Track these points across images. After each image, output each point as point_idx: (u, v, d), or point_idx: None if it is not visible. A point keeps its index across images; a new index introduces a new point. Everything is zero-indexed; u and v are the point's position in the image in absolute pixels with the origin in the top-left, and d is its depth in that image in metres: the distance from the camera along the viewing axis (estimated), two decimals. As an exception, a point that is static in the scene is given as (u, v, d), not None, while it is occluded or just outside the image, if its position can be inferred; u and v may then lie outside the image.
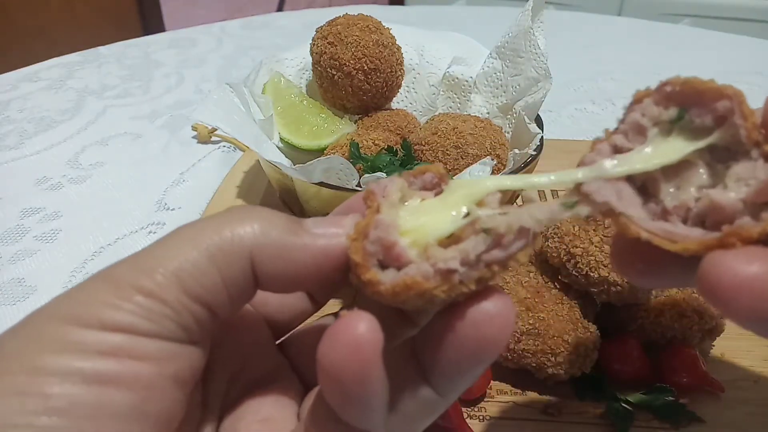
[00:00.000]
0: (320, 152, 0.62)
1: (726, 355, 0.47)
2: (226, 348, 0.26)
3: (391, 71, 0.63)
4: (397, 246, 0.21)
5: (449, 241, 0.21)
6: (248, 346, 0.27)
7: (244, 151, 0.80)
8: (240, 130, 0.54)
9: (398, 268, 0.21)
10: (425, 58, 0.71)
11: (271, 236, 0.22)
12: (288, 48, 0.71)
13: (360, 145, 0.57)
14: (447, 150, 0.55)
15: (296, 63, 0.70)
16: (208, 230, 0.22)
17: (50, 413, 0.19)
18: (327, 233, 0.23)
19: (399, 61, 0.64)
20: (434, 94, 0.70)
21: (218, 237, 0.22)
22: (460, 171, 0.53)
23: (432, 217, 0.22)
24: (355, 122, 0.66)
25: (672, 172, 0.22)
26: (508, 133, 0.63)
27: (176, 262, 0.21)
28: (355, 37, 0.60)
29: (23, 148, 0.82)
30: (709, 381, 0.43)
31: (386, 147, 0.58)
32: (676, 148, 0.22)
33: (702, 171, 0.22)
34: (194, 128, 0.87)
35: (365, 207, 0.23)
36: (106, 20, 2.38)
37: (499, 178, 0.22)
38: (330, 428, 0.21)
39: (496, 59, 0.65)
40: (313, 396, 0.25)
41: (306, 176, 0.50)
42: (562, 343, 0.42)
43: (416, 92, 0.71)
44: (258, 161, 0.73)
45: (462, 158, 0.54)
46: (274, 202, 0.65)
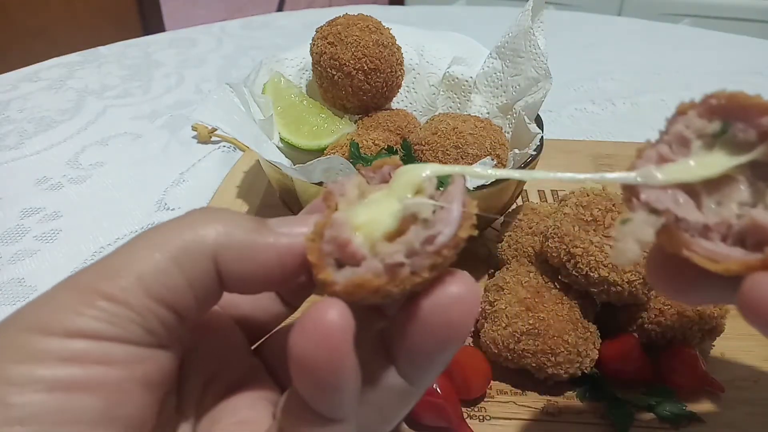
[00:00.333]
0: (320, 152, 0.62)
1: (726, 355, 0.47)
2: (200, 352, 0.26)
3: (391, 71, 0.63)
4: (351, 244, 0.21)
5: (397, 233, 0.21)
6: (222, 350, 0.27)
7: (244, 151, 0.80)
8: (240, 130, 0.53)
9: (355, 266, 0.21)
10: (425, 58, 0.71)
11: (235, 236, 0.22)
12: (288, 48, 0.71)
13: (360, 145, 0.57)
14: (447, 150, 0.55)
15: (296, 63, 0.70)
16: (171, 233, 0.22)
17: (12, 423, 0.18)
18: (291, 232, 0.23)
19: (399, 61, 0.64)
20: (434, 94, 0.70)
21: (181, 239, 0.22)
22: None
23: (379, 210, 0.22)
24: (355, 122, 0.66)
25: (713, 187, 0.22)
26: (508, 133, 0.63)
27: (139, 266, 0.21)
28: (355, 37, 0.60)
29: (23, 148, 0.82)
30: (709, 381, 0.43)
31: (386, 147, 0.58)
32: (718, 162, 0.22)
33: (743, 187, 0.22)
34: (194, 128, 0.87)
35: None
36: (106, 20, 2.38)
37: (437, 166, 0.22)
38: (302, 420, 0.21)
39: (496, 59, 0.65)
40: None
41: (306, 176, 0.50)
42: (562, 343, 0.42)
43: (416, 92, 0.71)
44: (258, 161, 0.73)
45: (462, 158, 0.54)
46: (274, 202, 0.65)
